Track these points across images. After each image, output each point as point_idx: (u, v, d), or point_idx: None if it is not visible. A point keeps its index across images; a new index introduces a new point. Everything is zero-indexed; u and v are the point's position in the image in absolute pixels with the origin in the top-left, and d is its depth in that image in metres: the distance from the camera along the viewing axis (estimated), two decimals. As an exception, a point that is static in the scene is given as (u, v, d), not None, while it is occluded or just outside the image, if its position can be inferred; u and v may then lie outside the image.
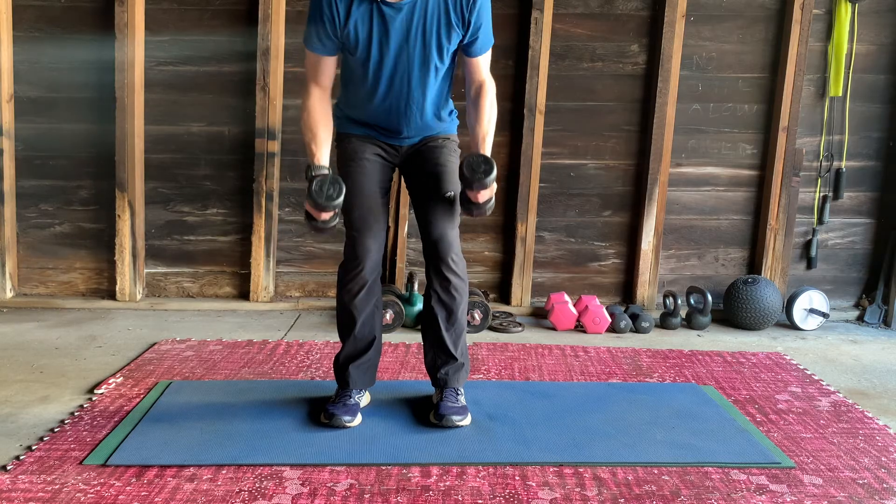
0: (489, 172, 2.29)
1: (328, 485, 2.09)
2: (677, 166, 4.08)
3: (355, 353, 2.55)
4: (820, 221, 4.13)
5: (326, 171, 2.36)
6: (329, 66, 2.41)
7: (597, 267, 4.17)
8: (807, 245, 4.16)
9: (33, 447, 2.28)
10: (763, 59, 4.02)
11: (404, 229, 4.01)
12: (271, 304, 4.00)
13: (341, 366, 2.57)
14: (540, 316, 3.98)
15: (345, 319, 2.53)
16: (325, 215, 2.36)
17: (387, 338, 3.37)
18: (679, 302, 3.81)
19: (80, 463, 2.18)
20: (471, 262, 4.11)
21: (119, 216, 3.92)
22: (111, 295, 4.01)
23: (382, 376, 2.93)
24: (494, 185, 2.37)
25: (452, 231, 2.47)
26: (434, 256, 2.47)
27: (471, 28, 2.35)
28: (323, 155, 2.38)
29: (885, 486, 2.19)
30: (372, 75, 2.38)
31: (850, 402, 2.83)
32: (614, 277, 4.18)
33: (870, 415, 2.71)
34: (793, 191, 4.07)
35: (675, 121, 3.98)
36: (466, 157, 2.33)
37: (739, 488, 2.13)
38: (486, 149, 2.41)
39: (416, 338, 3.42)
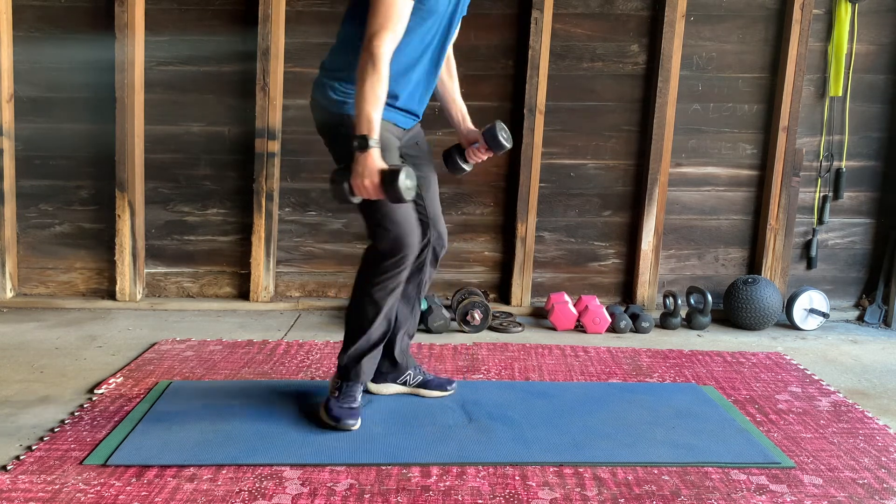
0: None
1: (328, 485, 2.09)
2: (677, 166, 4.08)
3: (371, 345, 2.47)
4: (820, 221, 4.13)
5: (400, 160, 2.33)
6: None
7: (597, 267, 4.17)
8: (807, 245, 4.16)
9: (33, 447, 2.28)
10: (763, 59, 4.02)
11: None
12: (271, 304, 4.00)
13: (355, 359, 2.48)
14: (540, 316, 3.99)
15: (371, 313, 2.43)
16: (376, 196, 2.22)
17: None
18: (679, 302, 3.81)
19: (80, 463, 2.18)
20: (471, 261, 4.12)
21: (119, 216, 3.92)
22: (111, 295, 4.01)
23: (382, 376, 2.93)
24: None
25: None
26: (438, 246, 2.60)
27: None
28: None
29: (885, 486, 2.19)
30: (423, 44, 2.31)
31: (850, 402, 2.83)
32: (614, 277, 4.18)
33: (870, 415, 2.71)
34: (793, 191, 4.07)
35: (675, 121, 3.98)
36: (498, 125, 2.49)
37: (739, 488, 2.13)
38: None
39: (417, 337, 3.42)
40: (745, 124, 4.07)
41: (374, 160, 2.12)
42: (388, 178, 2.11)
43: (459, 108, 2.63)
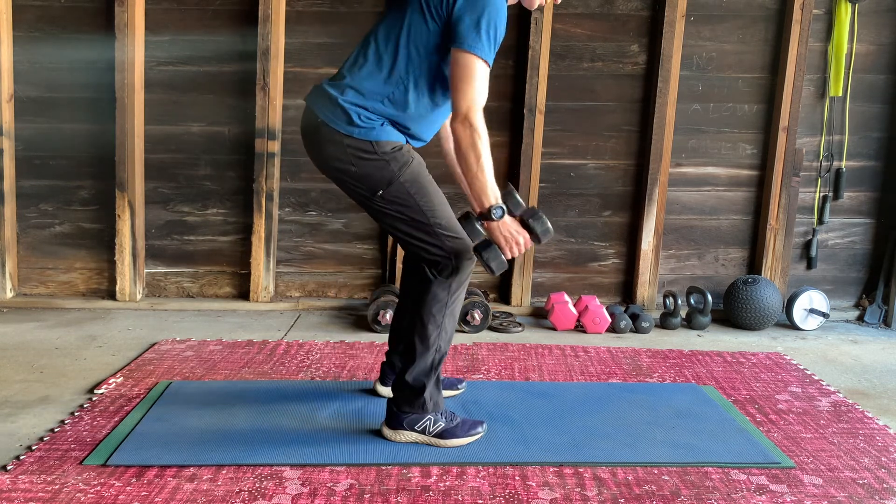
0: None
1: (328, 485, 2.09)
2: (677, 166, 4.08)
3: (441, 359, 2.36)
4: (820, 221, 4.13)
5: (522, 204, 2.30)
6: None
7: (597, 267, 4.17)
8: (807, 245, 4.16)
9: (33, 447, 2.28)
10: (763, 59, 4.02)
11: (404, 229, 4.00)
12: (271, 304, 4.00)
13: (437, 381, 2.36)
14: (540, 316, 3.98)
15: (455, 324, 2.36)
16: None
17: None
18: (679, 302, 3.81)
19: (80, 463, 2.18)
20: (471, 262, 4.11)
21: (119, 216, 3.92)
22: (111, 295, 4.01)
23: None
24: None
25: None
26: None
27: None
28: None
29: (885, 486, 2.19)
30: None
31: (850, 402, 2.83)
32: (614, 277, 4.18)
33: (870, 415, 2.71)
34: (793, 191, 4.07)
35: (675, 121, 3.98)
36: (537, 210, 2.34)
37: (739, 488, 2.13)
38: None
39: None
40: (745, 124, 4.07)
41: (510, 220, 2.21)
42: (537, 224, 2.24)
43: None
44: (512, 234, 2.21)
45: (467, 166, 2.16)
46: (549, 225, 2.27)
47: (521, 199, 2.32)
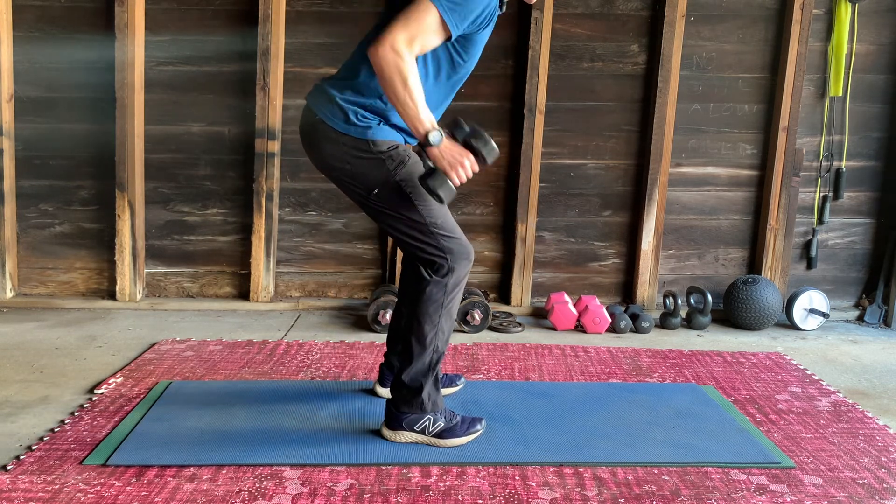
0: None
1: (328, 485, 2.09)
2: (677, 166, 4.08)
3: (440, 359, 2.36)
4: (820, 221, 4.13)
5: (465, 128, 2.19)
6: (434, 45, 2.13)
7: (597, 267, 4.17)
8: (807, 245, 4.16)
9: (33, 447, 2.28)
10: (763, 59, 4.02)
11: (404, 229, 4.00)
12: (271, 304, 4.00)
13: (436, 381, 2.37)
14: (540, 316, 3.98)
15: (452, 324, 2.36)
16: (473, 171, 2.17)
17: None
18: (679, 302, 3.81)
19: (80, 463, 2.18)
20: (471, 262, 4.11)
21: (119, 216, 3.92)
22: (111, 295, 4.01)
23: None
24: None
25: None
26: None
27: None
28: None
29: (885, 486, 2.19)
30: (452, 83, 2.27)
31: (850, 402, 2.83)
32: (614, 277, 4.18)
33: (870, 415, 2.71)
34: (793, 191, 4.07)
35: (675, 121, 3.98)
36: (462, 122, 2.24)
37: (739, 488, 2.14)
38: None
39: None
40: (745, 124, 4.07)
41: (451, 143, 2.12)
42: (480, 144, 2.14)
43: None
44: (456, 158, 2.12)
45: (394, 92, 2.05)
46: (494, 144, 2.17)
47: (466, 125, 2.20)
